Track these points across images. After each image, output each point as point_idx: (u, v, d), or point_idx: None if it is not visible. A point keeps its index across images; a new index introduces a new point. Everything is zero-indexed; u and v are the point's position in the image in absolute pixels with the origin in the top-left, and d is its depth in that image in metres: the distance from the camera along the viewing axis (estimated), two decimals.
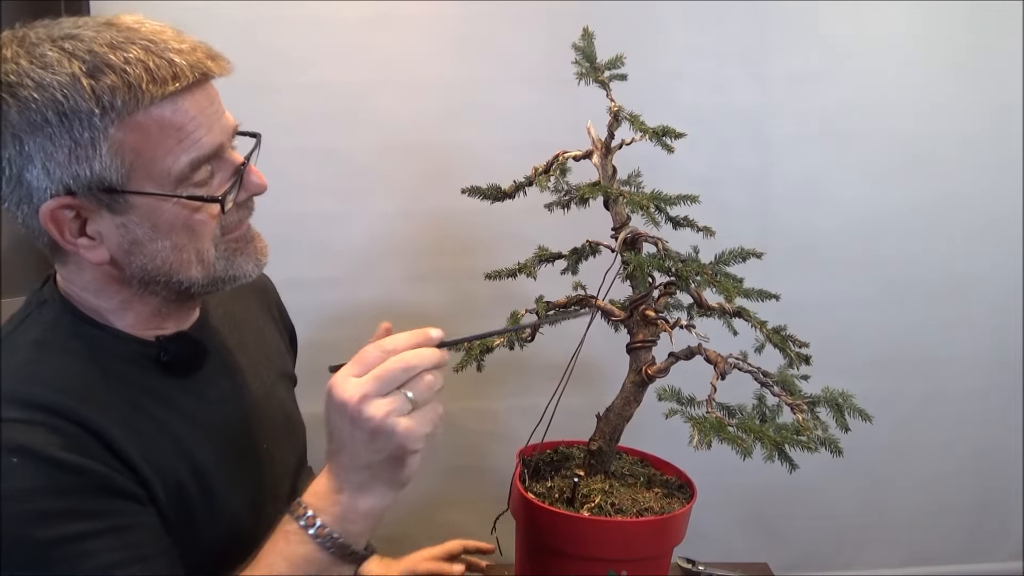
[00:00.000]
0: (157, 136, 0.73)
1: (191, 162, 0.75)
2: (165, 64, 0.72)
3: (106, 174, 0.72)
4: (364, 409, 0.71)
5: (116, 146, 0.72)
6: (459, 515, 1.56)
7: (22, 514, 0.67)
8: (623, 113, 1.02)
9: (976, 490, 1.71)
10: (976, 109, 1.57)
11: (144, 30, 0.74)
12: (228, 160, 0.80)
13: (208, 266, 0.80)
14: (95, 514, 0.71)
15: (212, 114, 0.77)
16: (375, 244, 1.52)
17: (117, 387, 0.78)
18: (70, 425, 0.71)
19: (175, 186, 0.75)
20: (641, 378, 1.02)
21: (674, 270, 0.96)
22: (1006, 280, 1.64)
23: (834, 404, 0.92)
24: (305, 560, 0.75)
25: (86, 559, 0.69)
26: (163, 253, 0.78)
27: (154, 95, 0.71)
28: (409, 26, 1.44)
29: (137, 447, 0.75)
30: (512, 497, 1.04)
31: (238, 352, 0.96)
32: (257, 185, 0.82)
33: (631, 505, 0.99)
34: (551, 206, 1.05)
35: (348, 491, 0.76)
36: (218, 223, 0.80)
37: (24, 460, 0.68)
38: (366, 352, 0.75)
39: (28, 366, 0.75)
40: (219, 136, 0.77)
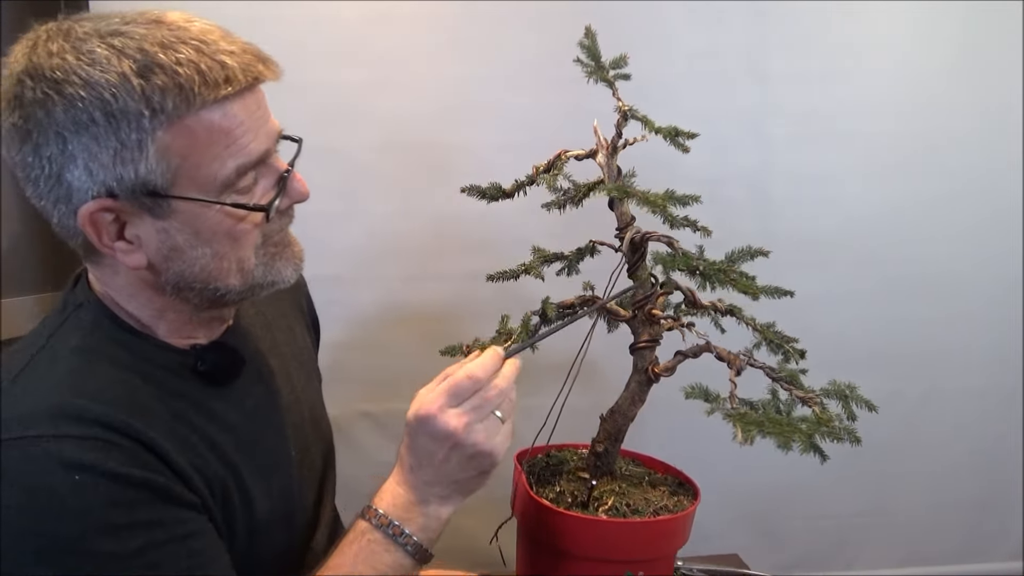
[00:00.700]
0: (205, 141, 0.71)
1: (237, 168, 0.73)
2: (217, 67, 0.69)
3: (151, 177, 0.70)
4: (469, 437, 0.79)
5: (163, 149, 0.69)
6: (459, 516, 1.56)
7: (88, 531, 0.66)
8: (635, 113, 1.02)
9: (976, 489, 1.72)
10: (976, 109, 1.58)
11: (194, 29, 0.71)
12: (272, 166, 0.78)
13: (247, 274, 0.78)
14: (158, 524, 0.70)
15: (259, 119, 0.75)
16: (375, 244, 1.52)
17: (159, 396, 0.76)
18: (124, 439, 0.70)
19: (220, 192, 0.73)
20: (647, 377, 1.02)
21: (701, 269, 0.96)
22: (1006, 278, 1.64)
23: (841, 395, 0.92)
24: (391, 567, 0.80)
25: (152, 570, 0.69)
26: (203, 260, 0.76)
27: (205, 99, 0.69)
28: (409, 26, 1.44)
29: (186, 456, 0.75)
30: (518, 502, 1.03)
31: (270, 355, 0.95)
32: (300, 193, 0.80)
33: (645, 505, 0.99)
34: (549, 206, 1.04)
35: (433, 503, 0.83)
36: (261, 231, 0.78)
37: (85, 476, 0.66)
38: (458, 383, 0.80)
39: (73, 376, 0.73)
40: (265, 142, 0.75)
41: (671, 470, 1.13)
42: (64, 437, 0.67)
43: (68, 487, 0.65)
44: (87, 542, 0.66)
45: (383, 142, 1.47)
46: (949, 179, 1.60)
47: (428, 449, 0.80)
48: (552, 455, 1.13)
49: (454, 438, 0.79)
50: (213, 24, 0.75)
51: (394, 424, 1.57)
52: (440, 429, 0.79)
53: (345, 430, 1.54)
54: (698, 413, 1.35)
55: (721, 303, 1.01)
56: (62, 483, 0.65)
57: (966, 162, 1.59)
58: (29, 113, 0.68)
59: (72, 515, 0.65)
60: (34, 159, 0.70)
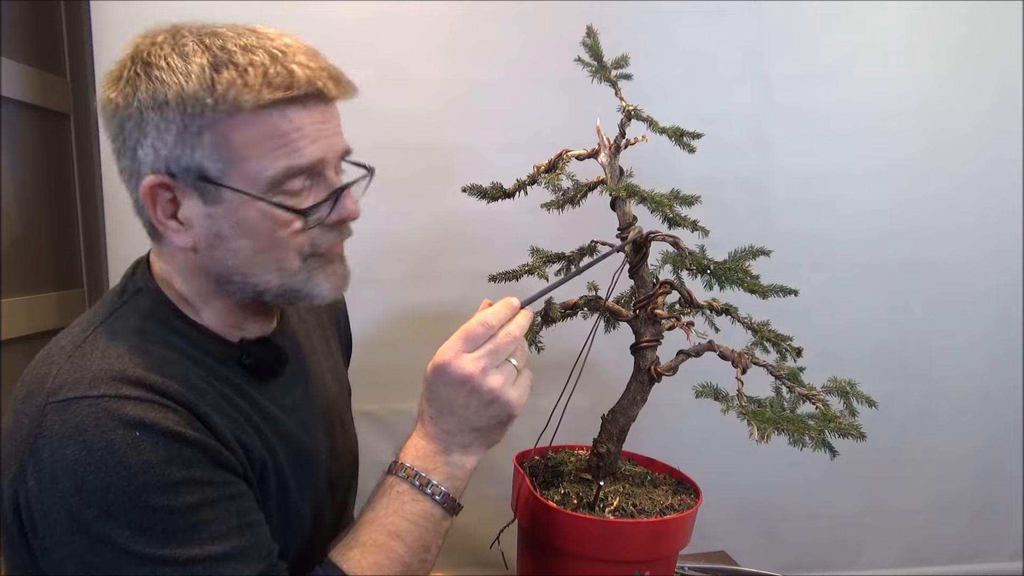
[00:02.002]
0: (259, 138, 0.75)
1: (286, 169, 0.76)
2: (285, 73, 0.74)
3: (205, 163, 0.75)
4: (485, 382, 0.81)
5: (220, 139, 0.74)
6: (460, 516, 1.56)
7: (149, 485, 0.70)
8: (639, 113, 1.02)
9: (976, 490, 1.72)
10: (976, 110, 1.58)
11: (279, 41, 0.77)
12: (327, 179, 0.80)
13: (286, 275, 0.81)
14: (211, 483, 0.74)
15: (322, 131, 0.78)
16: (375, 244, 1.52)
17: (208, 379, 0.80)
18: (179, 406, 0.74)
19: (266, 190, 0.76)
20: (649, 377, 1.02)
21: (711, 268, 0.97)
22: (1006, 279, 1.64)
23: (842, 392, 0.93)
24: (421, 516, 0.83)
25: (205, 526, 0.72)
26: (243, 252, 0.79)
27: (266, 98, 0.73)
28: (409, 26, 1.44)
29: (232, 430, 0.79)
30: (522, 505, 1.03)
31: (310, 361, 0.98)
32: (348, 210, 0.82)
33: (651, 505, 0.99)
34: (549, 206, 1.04)
35: (455, 452, 0.85)
36: (308, 239, 0.80)
37: (144, 434, 0.70)
38: (472, 329, 0.83)
39: (131, 351, 0.77)
40: (321, 152, 0.78)
41: (669, 469, 1.13)
42: (125, 398, 0.72)
43: (128, 443, 0.70)
44: (147, 497, 0.70)
45: (383, 142, 1.47)
46: (949, 179, 1.60)
47: (447, 397, 0.83)
48: (550, 456, 1.13)
49: (471, 382, 0.81)
50: (303, 43, 0.81)
51: (396, 424, 1.58)
52: (457, 374, 0.82)
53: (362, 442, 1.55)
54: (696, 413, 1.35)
55: (716, 302, 1.02)
56: (123, 439, 0.69)
57: (966, 162, 1.60)
58: (123, 89, 0.76)
59: (134, 471, 0.69)
60: (119, 131, 0.77)
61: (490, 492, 1.54)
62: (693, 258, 0.98)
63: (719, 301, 1.02)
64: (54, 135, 1.43)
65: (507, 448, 1.54)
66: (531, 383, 0.87)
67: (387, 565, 0.81)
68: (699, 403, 0.97)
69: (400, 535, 0.82)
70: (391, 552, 0.81)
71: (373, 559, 0.81)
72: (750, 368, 0.96)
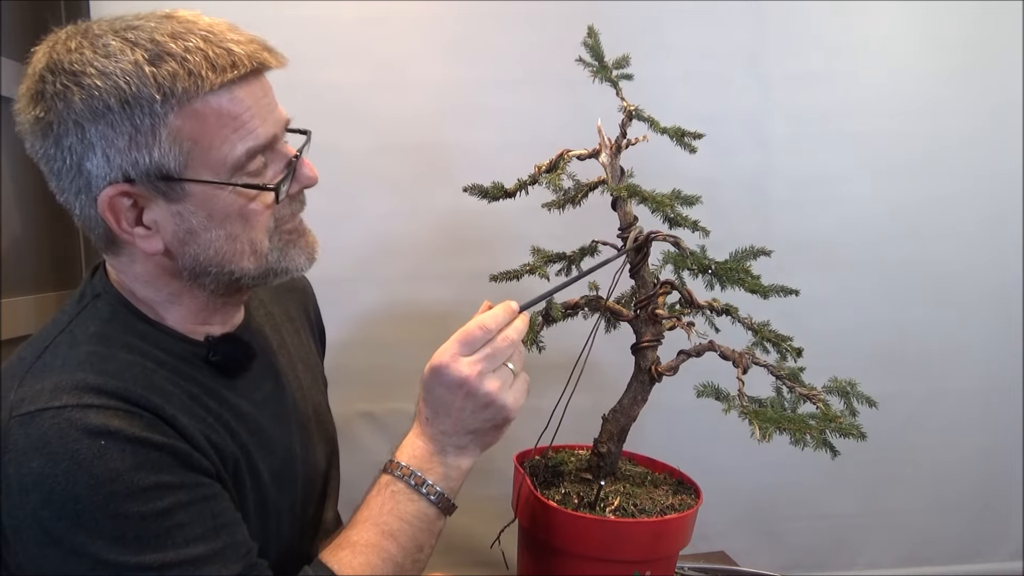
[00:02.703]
0: (215, 124, 0.74)
1: (247, 151, 0.76)
2: (224, 53, 0.73)
3: (164, 161, 0.73)
4: (481, 385, 0.82)
5: (175, 133, 0.73)
6: (459, 516, 1.56)
7: (117, 492, 0.69)
8: (640, 113, 1.02)
9: (976, 490, 1.72)
10: (976, 109, 1.58)
11: (202, 22, 0.75)
12: (281, 152, 0.81)
13: (261, 257, 0.81)
14: (183, 486, 0.73)
15: (267, 105, 0.78)
16: (375, 244, 1.52)
17: (173, 380, 0.79)
18: (143, 411, 0.73)
19: (231, 174, 0.76)
20: (649, 377, 1.02)
21: (713, 268, 0.97)
22: (1006, 279, 1.65)
23: (843, 392, 0.93)
24: (415, 516, 0.83)
25: (179, 530, 0.71)
26: (217, 243, 0.78)
27: (213, 83, 0.72)
28: (408, 26, 1.44)
29: (201, 431, 0.78)
30: (522, 505, 1.03)
31: (279, 354, 0.97)
32: (309, 177, 0.83)
33: (652, 505, 0.99)
34: (550, 206, 1.04)
35: (451, 453, 0.86)
36: (272, 214, 0.80)
37: (109, 442, 0.69)
38: (470, 332, 0.83)
39: (91, 358, 0.75)
40: (273, 127, 0.78)
41: (669, 469, 1.13)
42: (88, 407, 0.70)
43: (94, 452, 0.68)
44: (117, 505, 0.69)
45: (383, 142, 1.47)
46: (949, 179, 1.60)
47: (444, 399, 0.84)
48: (550, 456, 1.13)
49: (467, 385, 0.82)
50: (222, 20, 0.78)
51: (395, 424, 1.58)
52: (453, 376, 0.82)
53: (345, 430, 1.54)
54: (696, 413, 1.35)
55: (716, 302, 1.02)
56: (88, 449, 0.68)
57: (966, 162, 1.60)
58: (50, 105, 0.72)
59: (101, 480, 0.68)
60: (56, 151, 0.73)
61: (490, 492, 1.54)
62: (694, 258, 0.98)
63: (719, 301, 1.02)
64: None
65: (507, 448, 1.54)
66: (528, 387, 0.87)
67: (379, 565, 0.81)
68: (699, 403, 0.97)
69: (394, 535, 0.82)
70: (384, 552, 0.81)
71: (365, 559, 0.80)
72: (750, 368, 0.96)
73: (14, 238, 1.27)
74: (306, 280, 1.16)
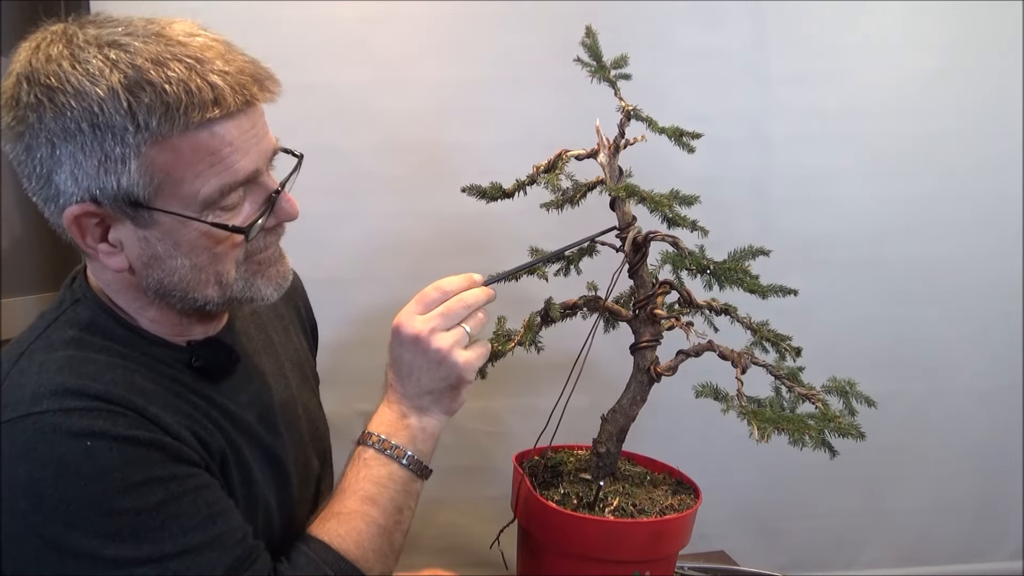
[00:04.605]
0: (189, 159, 0.71)
1: (221, 188, 0.73)
2: (207, 88, 0.69)
3: (133, 189, 0.71)
4: (432, 340, 0.85)
5: (147, 164, 0.70)
6: (459, 516, 1.56)
7: (109, 490, 0.69)
8: (638, 113, 1.02)
9: (976, 490, 1.72)
10: (976, 109, 1.58)
11: (193, 45, 0.71)
12: (262, 185, 0.78)
13: (226, 287, 0.79)
14: (174, 478, 0.73)
15: (251, 138, 0.75)
16: (375, 244, 1.52)
17: (156, 380, 0.78)
18: (126, 410, 0.72)
19: (201, 209, 0.73)
20: (648, 377, 1.02)
21: (711, 268, 0.97)
22: (1006, 278, 1.64)
23: (842, 392, 0.93)
24: (389, 478, 0.86)
25: (174, 521, 0.72)
26: (182, 271, 0.77)
27: (191, 120, 0.69)
28: (409, 26, 1.44)
29: (186, 425, 0.77)
30: (522, 505, 1.03)
31: (264, 355, 0.97)
32: (287, 213, 0.80)
33: (651, 505, 0.99)
34: (548, 206, 1.04)
35: (414, 415, 0.89)
36: (243, 249, 0.79)
37: (96, 442, 0.69)
38: (426, 293, 0.88)
39: (71, 361, 0.74)
40: (255, 162, 0.75)
41: (668, 469, 1.13)
42: (70, 410, 0.69)
43: (82, 454, 0.68)
44: (110, 503, 0.69)
45: (383, 142, 1.47)
46: (949, 179, 1.60)
47: (402, 358, 0.88)
48: (549, 456, 1.13)
49: (420, 343, 0.85)
50: (219, 39, 0.74)
51: None
52: (408, 333, 0.86)
53: (345, 430, 1.53)
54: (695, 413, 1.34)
55: (716, 302, 1.02)
56: (75, 451, 0.68)
57: (966, 162, 1.60)
58: (23, 116, 0.70)
59: (91, 480, 0.68)
60: (26, 158, 0.72)
61: (490, 492, 1.54)
62: (693, 258, 0.98)
63: (718, 301, 1.02)
64: None
65: (507, 448, 1.55)
66: (487, 354, 0.90)
67: (364, 529, 0.84)
68: (698, 403, 0.96)
69: (373, 499, 0.85)
70: (366, 516, 0.84)
71: (351, 525, 0.83)
72: (749, 368, 0.96)
73: (14, 238, 1.28)
74: (295, 275, 1.14)
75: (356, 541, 0.83)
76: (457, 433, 1.56)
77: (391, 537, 0.86)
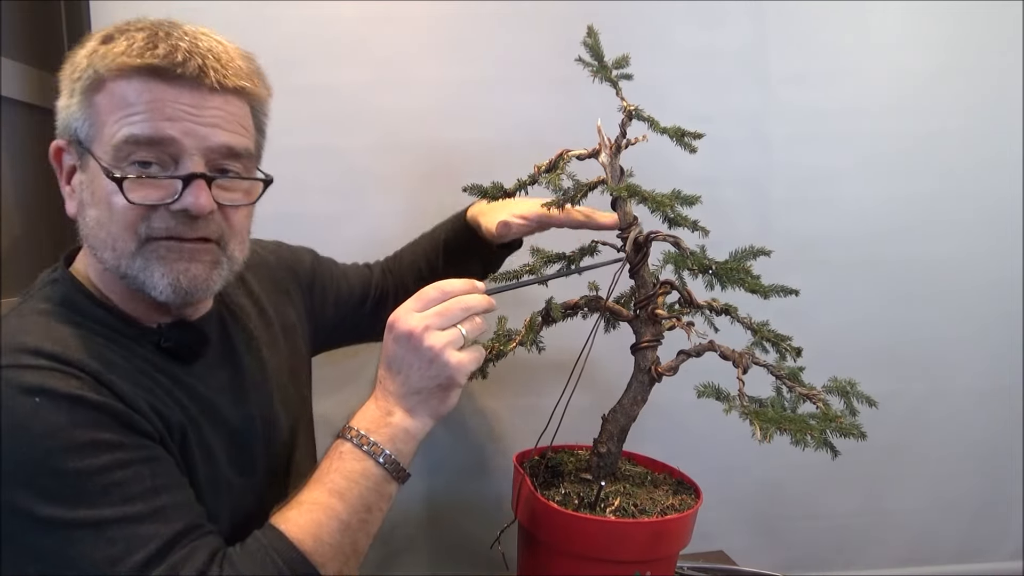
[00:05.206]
0: (116, 104, 0.77)
1: (126, 136, 0.76)
2: (166, 46, 0.76)
3: (79, 127, 0.79)
4: (426, 338, 0.84)
5: (86, 104, 0.78)
6: (459, 516, 1.56)
7: (53, 449, 0.69)
8: (640, 113, 1.02)
9: (976, 490, 1.72)
10: (976, 109, 1.58)
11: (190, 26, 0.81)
12: (184, 165, 0.78)
13: (122, 257, 0.79)
14: (119, 446, 0.73)
15: (187, 113, 0.77)
16: (375, 244, 1.52)
17: (123, 355, 0.80)
18: (81, 372, 0.74)
19: (112, 158, 0.77)
20: (650, 377, 1.02)
21: (713, 269, 0.97)
22: (1006, 278, 1.64)
23: (843, 392, 0.93)
24: (361, 475, 0.84)
25: (116, 488, 0.72)
26: (91, 223, 0.80)
27: (124, 64, 0.76)
28: (409, 26, 1.44)
29: (143, 397, 0.78)
30: (523, 505, 1.03)
31: (248, 337, 0.98)
32: (187, 202, 0.78)
33: (652, 505, 0.99)
34: (549, 205, 1.05)
35: (398, 414, 0.87)
36: (141, 218, 0.78)
37: (45, 399, 0.70)
38: (426, 291, 0.87)
39: (36, 327, 0.77)
40: (175, 132, 0.77)
41: (669, 469, 1.13)
42: (25, 367, 0.72)
43: (30, 410, 0.70)
44: (54, 461, 0.69)
45: (383, 142, 1.47)
46: (949, 179, 1.60)
47: (395, 354, 0.86)
48: (549, 456, 1.13)
49: (413, 339, 0.84)
50: (231, 44, 0.84)
51: None
52: (402, 329, 0.85)
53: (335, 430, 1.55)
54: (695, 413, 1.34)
55: (716, 302, 1.02)
56: (23, 406, 0.70)
57: (966, 162, 1.59)
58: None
59: (36, 436, 0.69)
60: None
61: (490, 492, 1.54)
62: (695, 258, 0.98)
63: (719, 301, 1.02)
64: (54, 135, 1.43)
65: (507, 448, 1.55)
66: (481, 359, 0.89)
67: (324, 522, 0.81)
68: (699, 403, 0.97)
69: (340, 493, 0.83)
70: (329, 509, 0.82)
71: (310, 516, 0.81)
72: (751, 368, 0.96)
73: (14, 238, 1.27)
74: (304, 251, 1.19)
75: (313, 533, 0.80)
76: (457, 433, 1.56)
77: (354, 536, 0.82)
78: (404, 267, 1.29)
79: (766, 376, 0.97)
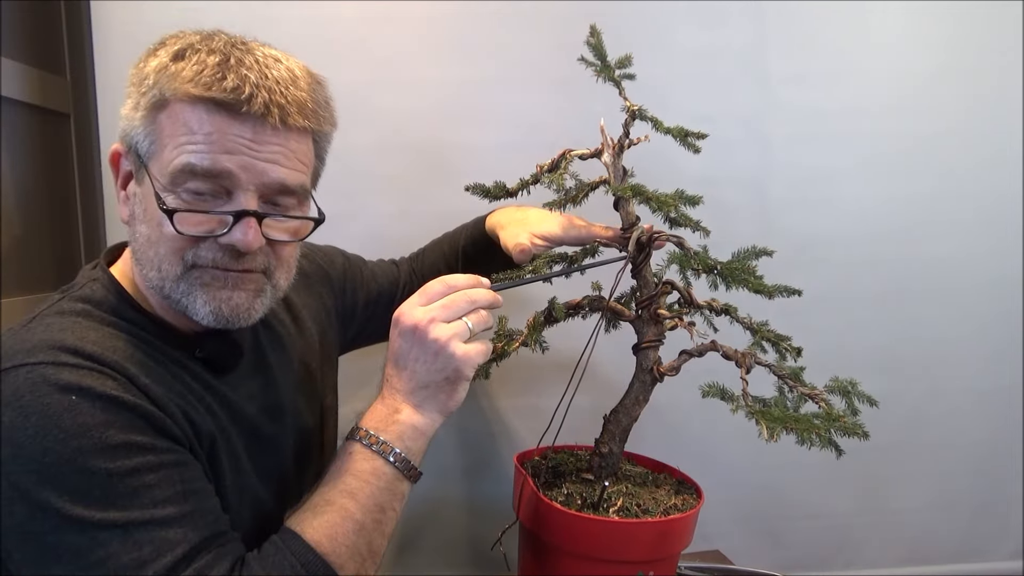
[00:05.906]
0: (178, 130, 0.76)
1: (183, 165, 0.76)
2: (234, 77, 0.75)
3: (140, 141, 0.79)
4: (431, 330, 0.84)
5: (150, 120, 0.78)
6: (460, 516, 1.56)
7: (85, 448, 0.69)
8: (643, 113, 1.02)
9: (976, 490, 1.72)
10: (976, 109, 1.58)
11: (262, 52, 0.80)
12: (237, 199, 0.78)
13: (164, 278, 0.80)
14: (151, 449, 0.73)
15: (246, 147, 0.77)
16: (375, 244, 1.52)
17: (158, 360, 0.80)
18: (117, 374, 0.74)
19: (167, 183, 0.77)
20: (652, 377, 1.02)
21: (718, 269, 0.97)
22: (1006, 278, 1.65)
23: (844, 391, 0.94)
24: (372, 474, 0.84)
25: (146, 491, 0.72)
26: (141, 239, 0.81)
27: (188, 93, 0.75)
28: (409, 26, 1.44)
29: (176, 403, 0.78)
30: (525, 505, 1.03)
31: (281, 346, 0.99)
32: (234, 239, 0.78)
33: (655, 505, 0.99)
34: (551, 205, 1.05)
35: (406, 411, 0.86)
36: (189, 246, 0.79)
37: (82, 397, 0.70)
38: (430, 286, 0.87)
39: (76, 326, 0.77)
40: (232, 166, 0.77)
41: (669, 469, 1.13)
42: (62, 365, 0.72)
43: (64, 407, 0.70)
44: (84, 460, 0.69)
45: (383, 142, 1.47)
46: (949, 179, 1.60)
47: (401, 349, 0.86)
48: (550, 457, 1.13)
49: (418, 331, 0.84)
50: (306, 69, 0.86)
51: None
52: (407, 323, 0.85)
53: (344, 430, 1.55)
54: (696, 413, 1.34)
55: (716, 303, 1.02)
56: (58, 403, 0.70)
57: (966, 162, 1.60)
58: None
59: (70, 434, 0.69)
60: None
61: (491, 492, 1.54)
62: (699, 258, 0.98)
63: (718, 301, 1.02)
64: (54, 135, 1.42)
65: (508, 448, 1.55)
66: (488, 352, 0.88)
67: (339, 523, 0.81)
68: (700, 403, 0.97)
69: (352, 493, 0.82)
70: (343, 510, 0.81)
71: (325, 518, 0.81)
72: (753, 368, 0.96)
73: (14, 238, 1.27)
74: (336, 253, 1.20)
75: (329, 534, 0.80)
76: (458, 433, 1.56)
77: (369, 536, 0.82)
78: (426, 267, 1.30)
79: (767, 376, 0.97)
